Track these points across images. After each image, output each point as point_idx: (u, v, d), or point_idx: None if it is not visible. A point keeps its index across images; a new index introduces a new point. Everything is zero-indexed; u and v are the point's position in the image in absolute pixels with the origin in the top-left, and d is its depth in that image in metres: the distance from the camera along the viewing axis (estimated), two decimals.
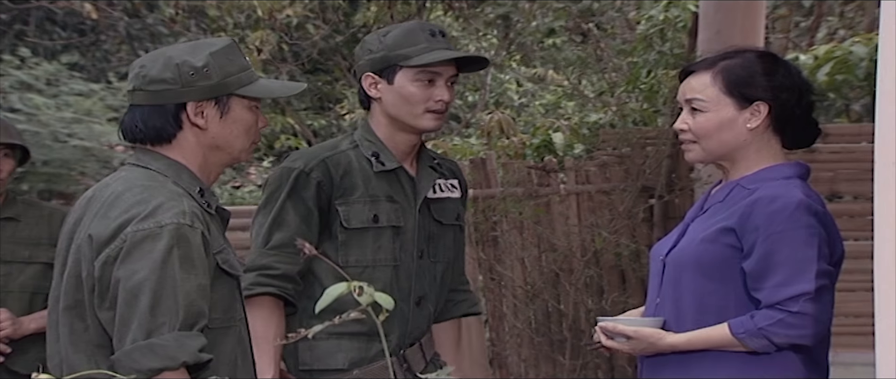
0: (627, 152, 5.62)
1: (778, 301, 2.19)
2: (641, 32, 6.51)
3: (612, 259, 5.47)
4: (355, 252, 2.63)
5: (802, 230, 2.20)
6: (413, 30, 2.68)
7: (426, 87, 2.65)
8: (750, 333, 2.21)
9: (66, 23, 10.23)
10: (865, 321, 5.76)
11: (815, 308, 2.18)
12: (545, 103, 8.89)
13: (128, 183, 2.16)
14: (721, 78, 2.32)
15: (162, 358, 1.99)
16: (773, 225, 2.21)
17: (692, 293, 2.30)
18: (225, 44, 2.24)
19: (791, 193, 2.24)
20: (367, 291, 1.63)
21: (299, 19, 8.24)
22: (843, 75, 5.97)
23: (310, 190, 2.61)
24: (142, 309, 2.01)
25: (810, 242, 2.20)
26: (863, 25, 7.32)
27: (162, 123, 2.18)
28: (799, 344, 2.22)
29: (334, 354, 2.63)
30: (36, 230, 3.25)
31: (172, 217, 2.06)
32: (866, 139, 5.70)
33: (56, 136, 7.92)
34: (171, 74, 2.17)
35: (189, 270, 2.05)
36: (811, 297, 2.17)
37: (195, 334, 2.04)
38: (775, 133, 2.35)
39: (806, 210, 2.22)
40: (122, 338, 2.03)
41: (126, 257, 2.04)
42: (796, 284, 2.18)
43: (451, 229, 2.82)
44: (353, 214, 2.63)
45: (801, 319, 2.18)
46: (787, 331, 2.19)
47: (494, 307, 5.47)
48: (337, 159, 2.64)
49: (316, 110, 10.47)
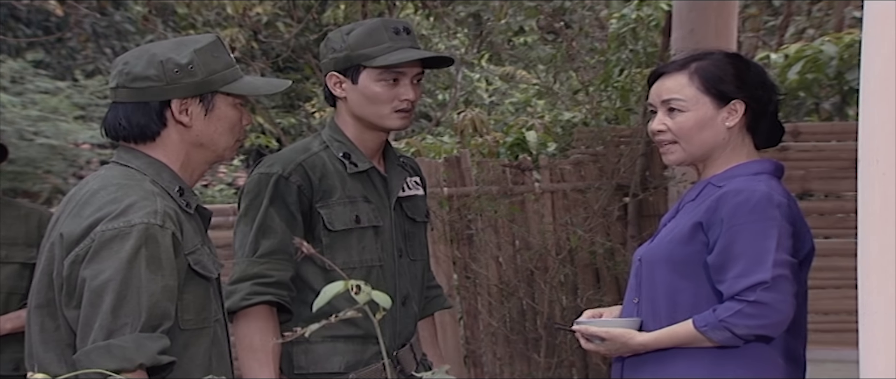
0: (602, 151, 5.64)
1: (737, 292, 2.20)
2: (614, 31, 6.53)
3: (586, 257, 5.49)
4: (341, 254, 2.60)
5: (762, 222, 2.22)
6: (376, 28, 2.63)
7: (391, 86, 2.61)
8: (712, 326, 2.22)
9: (31, 20, 10.12)
10: (835, 318, 5.83)
11: (772, 297, 2.18)
12: (515, 102, 8.91)
13: (104, 181, 2.13)
14: (697, 77, 2.34)
15: (118, 360, 1.97)
16: (735, 218, 2.23)
17: (665, 291, 2.31)
18: (210, 41, 2.22)
19: (755, 186, 2.26)
20: (364, 289, 1.62)
21: (269, 17, 8.21)
22: (813, 74, 6.03)
23: (292, 195, 2.57)
24: (104, 309, 1.99)
25: (769, 234, 2.21)
26: (831, 24, 7.39)
27: (146, 121, 2.16)
28: (762, 335, 2.22)
29: (330, 357, 2.60)
30: (12, 230, 3.20)
31: (142, 217, 2.04)
32: (837, 138, 5.76)
33: (21, 135, 7.83)
34: (156, 72, 2.14)
35: (155, 270, 2.02)
36: (768, 286, 2.18)
37: (157, 336, 2.01)
38: (748, 132, 2.37)
39: (768, 203, 2.23)
40: (85, 338, 2.01)
41: (93, 257, 2.02)
42: (753, 274, 2.19)
43: (423, 226, 2.81)
44: (335, 216, 2.60)
45: (759, 308, 2.18)
46: (747, 321, 2.19)
47: (469, 305, 5.46)
48: (312, 162, 2.60)
49: (285, 109, 10.43)
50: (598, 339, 2.35)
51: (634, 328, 2.33)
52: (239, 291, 2.51)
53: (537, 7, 7.52)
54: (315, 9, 8.41)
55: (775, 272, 2.19)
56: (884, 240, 1.50)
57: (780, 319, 2.21)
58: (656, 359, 2.31)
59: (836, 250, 5.07)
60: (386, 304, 1.59)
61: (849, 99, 6.16)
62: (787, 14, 7.69)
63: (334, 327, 2.55)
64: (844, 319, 5.34)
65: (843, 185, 5.55)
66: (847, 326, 5.31)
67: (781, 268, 2.20)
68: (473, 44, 8.78)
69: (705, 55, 2.38)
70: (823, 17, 7.67)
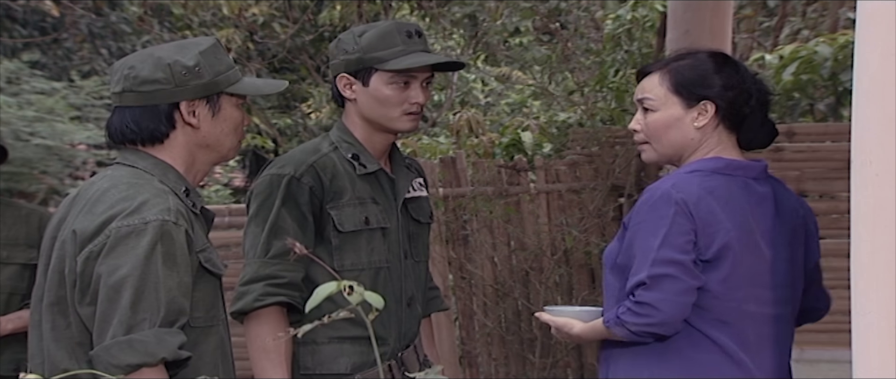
0: (597, 151, 5.64)
1: (629, 290, 2.24)
2: (609, 32, 6.54)
3: (581, 258, 5.49)
4: (350, 255, 2.60)
5: (653, 221, 2.22)
6: (389, 31, 2.63)
7: (402, 89, 2.62)
8: (613, 322, 2.28)
9: (28, 20, 10.11)
10: (829, 319, 5.81)
11: (652, 296, 2.20)
12: (511, 102, 8.92)
13: (113, 180, 2.15)
14: (668, 77, 2.36)
15: (141, 354, 1.98)
16: (636, 216, 2.26)
17: (608, 289, 2.37)
18: (211, 43, 2.24)
19: (660, 185, 2.27)
20: (357, 290, 1.62)
21: (265, 18, 8.21)
22: (808, 75, 6.04)
23: (303, 196, 2.56)
24: (123, 305, 2.00)
25: (656, 232, 2.21)
26: (825, 25, 7.40)
27: (155, 124, 2.18)
28: (653, 333, 2.24)
29: (337, 358, 2.60)
30: (13, 231, 3.21)
31: (157, 214, 2.05)
32: (831, 138, 5.76)
33: (17, 135, 7.83)
34: (164, 74, 2.16)
35: (172, 267, 2.04)
36: (647, 285, 2.20)
37: (175, 331, 2.03)
38: (730, 132, 2.37)
39: (665, 200, 2.23)
40: (102, 333, 2.01)
41: (109, 253, 2.03)
42: (638, 273, 2.22)
43: (427, 228, 2.82)
44: (345, 217, 2.60)
45: (642, 307, 2.21)
46: (635, 319, 2.23)
47: (465, 306, 5.47)
48: (323, 163, 2.60)
49: (281, 109, 10.44)
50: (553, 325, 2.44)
51: (587, 319, 2.40)
52: (252, 291, 2.51)
53: (533, 8, 7.53)
54: (311, 10, 8.42)
55: (653, 271, 2.19)
56: (876, 240, 1.50)
57: (664, 319, 2.21)
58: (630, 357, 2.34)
59: (831, 251, 5.05)
60: (378, 304, 1.60)
61: (843, 100, 6.17)
62: (782, 15, 7.70)
63: (341, 329, 2.57)
64: (838, 319, 5.29)
65: (838, 186, 5.55)
66: (841, 326, 5.31)
67: (663, 266, 2.20)
68: (469, 45, 8.79)
69: (687, 55, 2.39)
70: (818, 19, 7.69)
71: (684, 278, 2.21)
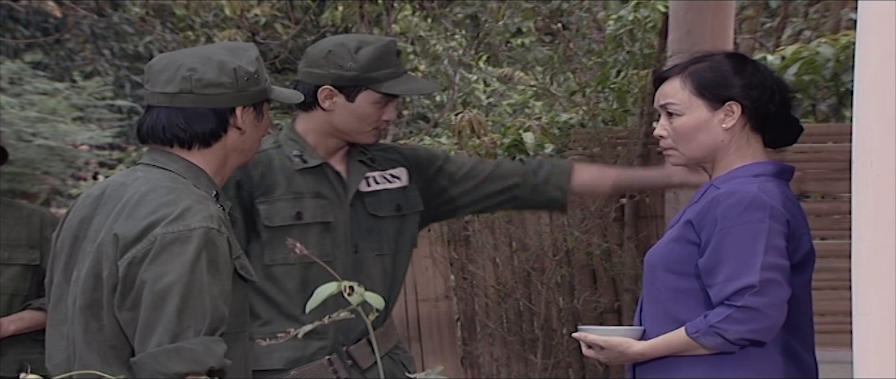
0: (598, 152, 5.64)
1: (726, 296, 2.19)
2: (611, 33, 6.54)
3: (583, 258, 5.49)
4: (281, 250, 2.63)
5: (750, 225, 2.20)
6: (386, 51, 2.70)
7: (381, 108, 2.70)
8: (703, 332, 2.22)
9: (30, 21, 10.12)
10: (831, 319, 5.82)
11: (761, 302, 2.17)
12: (513, 103, 8.91)
13: (150, 183, 2.15)
14: (690, 80, 2.35)
15: (189, 362, 1.99)
16: (725, 220, 2.22)
17: (667, 291, 2.31)
18: (257, 50, 2.28)
19: (746, 188, 2.25)
20: (357, 290, 1.63)
21: (267, 19, 8.21)
22: (810, 76, 6.03)
23: (230, 190, 2.60)
24: (169, 312, 2.00)
25: (757, 237, 2.20)
26: (827, 26, 7.39)
27: (207, 126, 2.19)
28: (754, 339, 2.21)
29: (270, 354, 2.62)
30: (14, 231, 3.19)
31: (201, 221, 2.07)
32: (833, 139, 5.75)
33: (20, 136, 7.82)
34: (229, 79, 2.18)
35: (215, 274, 2.05)
36: (756, 290, 2.17)
37: (218, 339, 2.04)
38: (755, 132, 2.36)
39: (757, 205, 2.22)
40: (146, 340, 2.02)
41: (154, 259, 2.03)
42: (741, 277, 2.18)
43: (392, 221, 2.81)
44: (274, 212, 2.65)
45: (748, 313, 2.17)
46: (737, 326, 2.18)
47: (466, 307, 5.47)
48: (256, 159, 2.63)
49: (283, 109, 10.43)
50: (598, 346, 2.35)
51: (635, 337, 2.33)
52: None
53: (535, 9, 7.53)
54: (313, 10, 8.42)
55: (763, 276, 2.18)
56: (878, 241, 1.50)
57: (770, 324, 2.20)
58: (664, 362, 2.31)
59: (833, 251, 5.07)
60: (378, 305, 1.61)
61: (845, 100, 6.16)
62: (783, 16, 7.70)
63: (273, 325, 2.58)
64: (840, 319, 5.32)
65: (840, 187, 5.55)
66: (843, 327, 5.31)
67: (771, 272, 2.19)
68: (471, 45, 8.79)
69: (705, 58, 2.39)
70: (820, 19, 7.68)
71: (787, 285, 2.21)
